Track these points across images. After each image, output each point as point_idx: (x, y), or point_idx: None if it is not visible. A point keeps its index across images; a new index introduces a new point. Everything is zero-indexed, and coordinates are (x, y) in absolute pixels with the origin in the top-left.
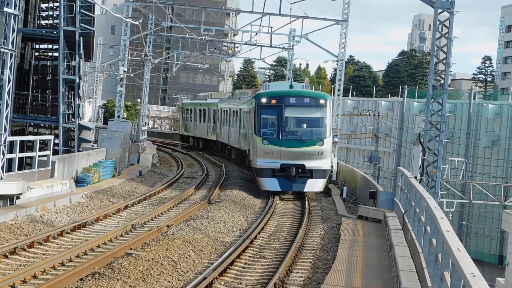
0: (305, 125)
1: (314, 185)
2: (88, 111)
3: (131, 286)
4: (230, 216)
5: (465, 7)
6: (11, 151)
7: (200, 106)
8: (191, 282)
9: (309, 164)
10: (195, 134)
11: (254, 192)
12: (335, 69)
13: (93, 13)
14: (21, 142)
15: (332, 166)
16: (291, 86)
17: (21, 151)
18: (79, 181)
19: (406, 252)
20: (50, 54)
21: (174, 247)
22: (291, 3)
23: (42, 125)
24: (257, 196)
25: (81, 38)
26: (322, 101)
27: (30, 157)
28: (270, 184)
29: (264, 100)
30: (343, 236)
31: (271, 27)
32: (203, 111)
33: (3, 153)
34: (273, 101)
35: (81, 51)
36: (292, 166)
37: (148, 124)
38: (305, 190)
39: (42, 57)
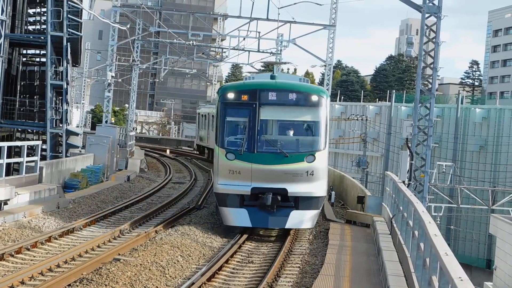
0: (290, 132)
1: (302, 219)
2: (76, 117)
3: None
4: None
5: (452, 12)
6: None
7: (210, 111)
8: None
9: (294, 188)
10: (209, 144)
11: None
12: (323, 74)
13: (81, 18)
14: (9, 147)
15: (331, 188)
16: (272, 77)
17: (8, 156)
18: (67, 187)
19: (394, 257)
20: (37, 59)
21: (162, 253)
22: (278, 8)
23: (29, 130)
24: None
25: (68, 43)
26: (315, 98)
27: (18, 163)
28: (237, 217)
29: (230, 95)
30: (331, 241)
31: (259, 32)
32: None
33: None
34: (244, 97)
35: (69, 57)
36: (268, 191)
37: (136, 129)
38: (287, 226)
39: (30, 62)
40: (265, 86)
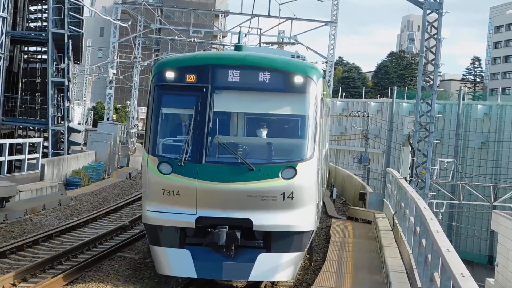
0: (259, 133)
1: (275, 266)
2: (77, 114)
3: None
4: None
5: (453, 8)
6: (0, 154)
7: None
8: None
9: (263, 219)
10: None
11: None
12: (324, 71)
13: (82, 16)
14: (10, 145)
15: (333, 184)
16: (238, 48)
17: (10, 154)
18: (68, 184)
19: (396, 253)
20: (39, 56)
21: None
22: (279, 4)
23: (31, 128)
24: None
25: (70, 40)
26: (299, 80)
27: (20, 160)
28: (175, 262)
29: (169, 75)
30: (333, 237)
31: (260, 29)
32: None
33: None
34: (190, 78)
35: (70, 54)
36: (223, 223)
37: (138, 126)
38: (252, 278)
39: (31, 59)
40: (222, 61)
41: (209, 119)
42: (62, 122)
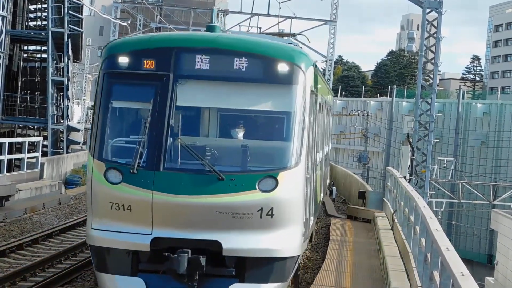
0: (233, 133)
1: None
2: (77, 113)
3: None
4: None
5: (453, 7)
6: None
7: None
8: None
9: (235, 241)
10: None
11: None
12: (324, 69)
13: (82, 14)
14: (10, 144)
15: (332, 183)
16: (211, 28)
17: (9, 153)
18: (68, 183)
19: (396, 252)
20: (38, 55)
21: None
22: (279, 3)
23: (30, 126)
24: None
25: (69, 39)
26: (284, 68)
27: (19, 159)
28: None
29: (122, 60)
30: (333, 236)
31: (260, 28)
32: None
33: None
34: (148, 63)
35: (70, 53)
36: (185, 245)
37: None
38: None
39: (31, 58)
40: (188, 43)
41: (170, 116)
42: (62, 121)
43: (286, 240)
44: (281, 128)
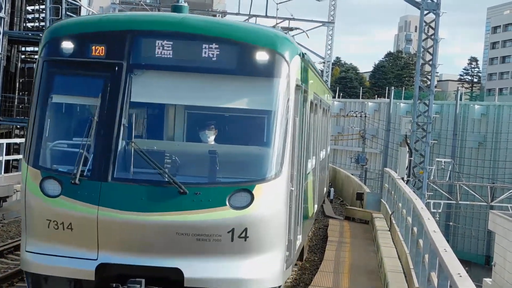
0: (204, 136)
1: None
2: None
3: None
4: None
5: (450, 9)
6: None
7: None
8: None
9: (199, 270)
10: None
11: None
12: (322, 71)
13: (79, 16)
14: (8, 144)
15: (330, 185)
16: (177, 9)
17: (7, 153)
18: None
19: (393, 253)
20: (36, 56)
21: None
22: (277, 3)
23: None
24: None
25: None
26: (262, 56)
27: (17, 160)
28: None
29: (64, 45)
30: (330, 237)
31: None
32: None
33: None
34: (97, 50)
35: None
36: (138, 273)
37: None
38: None
39: (28, 59)
40: (147, 25)
41: (122, 114)
42: None
43: (264, 268)
44: (258, 130)
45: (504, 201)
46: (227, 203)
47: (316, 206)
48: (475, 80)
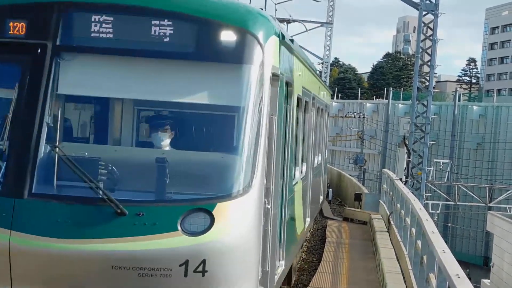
0: (158, 139)
1: None
2: None
3: None
4: None
5: (449, 9)
6: None
7: None
8: None
9: None
10: None
11: None
12: (320, 72)
13: None
14: None
15: (328, 185)
16: None
17: None
18: None
19: (392, 254)
20: None
21: None
22: (275, 4)
23: None
24: None
25: None
26: (229, 36)
27: None
28: None
29: None
30: (329, 238)
31: None
32: None
33: None
34: (15, 27)
35: None
36: None
37: None
38: None
39: None
40: None
41: (44, 110)
42: None
43: None
44: (222, 132)
45: (502, 202)
46: (179, 227)
47: (308, 220)
48: (474, 81)
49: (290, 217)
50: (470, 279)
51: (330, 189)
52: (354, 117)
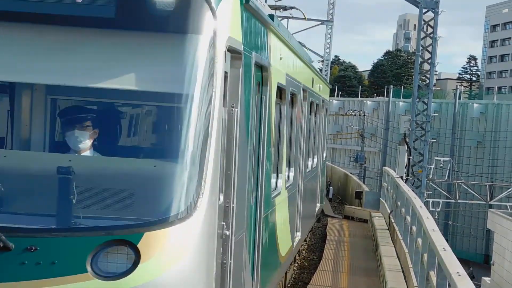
0: (77, 140)
1: None
2: None
3: None
4: None
5: (450, 7)
6: None
7: None
8: None
9: None
10: None
11: None
12: (321, 69)
13: None
14: None
15: (329, 183)
16: None
17: None
18: None
19: (392, 252)
20: None
21: None
22: (276, 2)
23: None
24: None
25: None
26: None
27: None
28: None
29: None
30: (329, 236)
31: None
32: None
33: None
34: None
35: None
36: None
37: None
38: None
39: None
40: None
41: None
42: None
43: None
44: (155, 131)
45: (503, 200)
46: (89, 268)
47: (298, 234)
48: (474, 78)
49: (268, 239)
50: (473, 277)
51: (331, 187)
52: (355, 115)
